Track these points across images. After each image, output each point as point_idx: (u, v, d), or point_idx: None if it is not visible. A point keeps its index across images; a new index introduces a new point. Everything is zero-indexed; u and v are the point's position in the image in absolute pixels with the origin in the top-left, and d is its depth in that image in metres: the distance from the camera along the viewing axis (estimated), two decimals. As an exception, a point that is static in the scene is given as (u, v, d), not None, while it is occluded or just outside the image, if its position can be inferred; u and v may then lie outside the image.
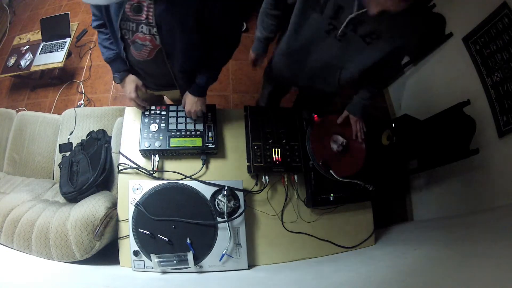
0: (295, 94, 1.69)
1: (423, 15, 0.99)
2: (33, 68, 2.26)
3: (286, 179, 1.24)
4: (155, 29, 0.94)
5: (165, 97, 1.60)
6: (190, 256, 1.02)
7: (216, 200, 1.10)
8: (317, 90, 1.33)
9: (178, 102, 1.39)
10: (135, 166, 1.16)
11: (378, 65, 1.08)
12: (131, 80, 1.13)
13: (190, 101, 1.16)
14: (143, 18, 0.92)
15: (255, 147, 1.21)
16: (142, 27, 0.94)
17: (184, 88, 1.19)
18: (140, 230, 1.03)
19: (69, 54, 2.37)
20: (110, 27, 1.01)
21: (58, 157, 1.59)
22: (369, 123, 1.33)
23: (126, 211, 1.07)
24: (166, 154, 1.18)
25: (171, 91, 1.32)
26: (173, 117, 1.21)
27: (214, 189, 1.11)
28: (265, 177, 1.21)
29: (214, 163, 1.23)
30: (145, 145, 1.13)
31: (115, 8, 0.92)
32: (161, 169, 1.18)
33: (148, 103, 1.21)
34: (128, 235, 1.05)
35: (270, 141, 1.23)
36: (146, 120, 1.18)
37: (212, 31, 1.01)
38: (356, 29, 0.95)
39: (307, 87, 1.35)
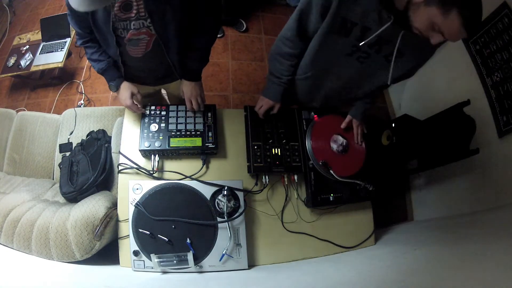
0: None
1: None
2: (33, 68, 2.26)
3: (286, 179, 1.24)
4: (148, 21, 0.96)
5: (163, 94, 1.61)
6: (190, 256, 1.02)
7: (216, 200, 1.10)
8: (332, 101, 1.33)
9: (176, 98, 1.39)
10: (135, 166, 1.16)
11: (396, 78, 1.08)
12: (126, 87, 1.15)
13: (188, 87, 1.18)
14: (133, 15, 0.94)
15: (255, 147, 1.21)
16: (133, 24, 0.96)
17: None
18: (140, 230, 1.03)
19: (69, 54, 2.37)
20: (101, 36, 1.02)
21: (58, 157, 1.59)
22: (369, 123, 1.33)
23: (126, 211, 1.07)
24: (166, 154, 1.18)
25: (171, 84, 1.33)
26: (173, 117, 1.20)
27: (214, 189, 1.11)
28: (265, 177, 1.21)
29: (214, 163, 1.23)
30: (145, 145, 1.13)
31: (104, 16, 0.94)
32: (161, 169, 1.18)
33: (149, 100, 1.21)
34: (128, 235, 1.04)
35: (270, 141, 1.23)
36: (146, 120, 1.18)
37: (197, 10, 1.03)
38: (381, 49, 0.95)
39: (321, 101, 1.34)
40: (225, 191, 1.09)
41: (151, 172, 1.15)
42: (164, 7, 0.94)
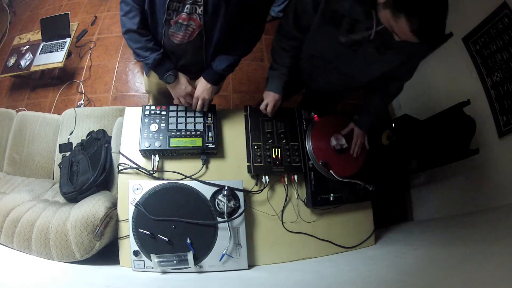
0: (301, 94, 1.69)
1: None
2: (33, 68, 2.26)
3: (286, 179, 1.24)
4: (200, 9, 0.94)
5: None
6: (190, 256, 1.02)
7: (216, 200, 1.10)
8: (331, 91, 1.34)
9: None
10: (135, 166, 1.16)
11: (391, 75, 1.11)
12: (185, 79, 1.15)
13: (202, 87, 1.16)
14: None
15: (255, 147, 1.21)
16: (187, 7, 0.94)
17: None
18: (140, 230, 1.03)
19: (69, 54, 2.37)
20: (151, 10, 0.98)
21: (58, 157, 1.59)
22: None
23: (126, 211, 1.07)
24: (166, 154, 1.18)
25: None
26: (173, 117, 1.20)
27: (214, 189, 1.11)
28: (265, 177, 1.21)
29: (214, 163, 1.23)
30: (145, 145, 1.13)
31: None
32: (161, 169, 1.18)
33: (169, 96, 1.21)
34: (128, 235, 1.04)
35: (270, 141, 1.23)
36: (146, 120, 1.18)
37: (248, 14, 1.02)
38: (373, 39, 0.96)
39: (321, 88, 1.36)
40: (225, 191, 1.09)
41: (151, 172, 1.15)
42: (220, 1, 0.93)
